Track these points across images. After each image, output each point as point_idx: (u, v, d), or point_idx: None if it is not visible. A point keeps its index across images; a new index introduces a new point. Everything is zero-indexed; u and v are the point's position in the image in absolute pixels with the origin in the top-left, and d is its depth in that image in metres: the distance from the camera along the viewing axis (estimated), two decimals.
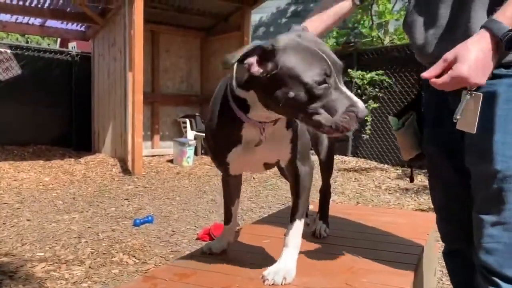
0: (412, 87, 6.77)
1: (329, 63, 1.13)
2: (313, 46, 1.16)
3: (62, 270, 2.89)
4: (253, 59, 1.17)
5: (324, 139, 1.93)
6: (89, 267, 2.97)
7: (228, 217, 1.73)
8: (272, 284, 1.39)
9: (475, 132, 1.20)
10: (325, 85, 1.12)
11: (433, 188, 1.61)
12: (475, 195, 1.33)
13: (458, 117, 1.20)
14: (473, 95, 1.18)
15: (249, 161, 1.45)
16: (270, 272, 1.43)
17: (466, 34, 1.22)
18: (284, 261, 1.46)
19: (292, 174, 1.50)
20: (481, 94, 1.17)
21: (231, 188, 1.70)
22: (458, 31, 1.28)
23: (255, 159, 1.45)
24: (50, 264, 2.98)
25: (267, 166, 1.54)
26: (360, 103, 1.14)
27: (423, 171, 6.08)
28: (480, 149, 1.27)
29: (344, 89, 1.15)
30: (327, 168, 2.01)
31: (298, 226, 1.48)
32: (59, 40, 15.21)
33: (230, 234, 1.77)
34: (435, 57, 1.30)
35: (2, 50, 7.68)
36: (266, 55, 1.15)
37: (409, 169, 2.23)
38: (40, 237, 3.61)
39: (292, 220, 1.47)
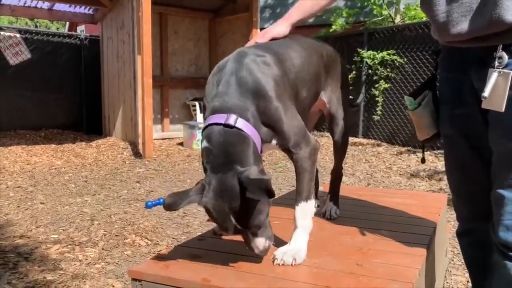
0: (424, 67, 6.67)
1: (232, 226, 1.33)
2: (225, 208, 1.30)
3: (76, 252, 2.94)
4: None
5: (340, 120, 1.89)
6: (102, 248, 3.01)
7: None
8: (282, 264, 1.40)
9: (503, 110, 1.17)
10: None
11: (449, 168, 1.59)
12: (497, 173, 1.31)
13: (486, 95, 1.18)
14: (502, 72, 1.15)
15: None
16: (280, 252, 1.44)
17: (495, 11, 1.17)
18: (294, 242, 1.46)
19: (291, 159, 1.50)
20: (511, 72, 1.15)
21: None
22: (486, 7, 1.22)
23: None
24: (64, 246, 3.03)
25: None
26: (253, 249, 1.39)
27: (434, 152, 6.03)
28: (507, 127, 1.25)
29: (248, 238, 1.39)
30: (340, 150, 1.98)
31: (305, 208, 1.48)
32: (67, 24, 15.20)
33: None
34: (458, 35, 1.27)
35: (12, 34, 7.70)
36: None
37: (421, 150, 2.21)
38: (54, 219, 3.67)
39: (297, 203, 1.48)
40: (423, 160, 1.90)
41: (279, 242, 1.57)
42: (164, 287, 1.34)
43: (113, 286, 2.46)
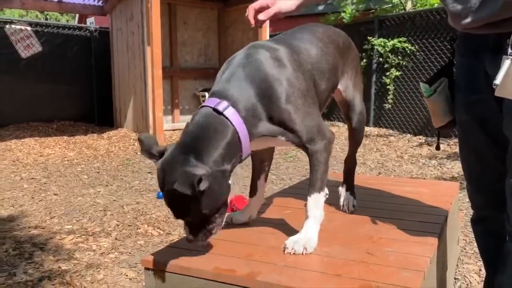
0: (436, 54, 6.58)
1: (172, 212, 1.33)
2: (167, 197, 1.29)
3: (89, 242, 2.99)
4: None
5: (358, 107, 1.85)
6: (115, 238, 3.05)
7: (253, 190, 1.76)
8: (293, 253, 1.41)
9: None
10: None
11: (464, 156, 1.58)
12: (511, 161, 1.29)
13: (497, 82, 1.16)
14: None
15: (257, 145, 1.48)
16: (291, 241, 1.44)
17: None
18: (305, 232, 1.47)
19: (305, 152, 1.50)
20: None
21: (255, 162, 1.73)
22: None
23: (260, 144, 1.50)
24: (78, 236, 3.08)
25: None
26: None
27: (447, 140, 5.98)
28: None
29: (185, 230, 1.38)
30: (357, 138, 1.93)
31: (318, 198, 1.48)
32: (77, 16, 15.25)
33: (253, 207, 1.78)
34: (472, 22, 1.25)
35: (23, 27, 7.75)
36: None
37: (432, 138, 2.19)
38: (68, 210, 3.72)
39: (310, 193, 1.48)
40: (437, 147, 1.89)
41: (290, 232, 1.58)
42: (177, 276, 1.36)
43: (127, 275, 2.50)
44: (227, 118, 1.31)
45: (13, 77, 7.73)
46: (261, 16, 1.57)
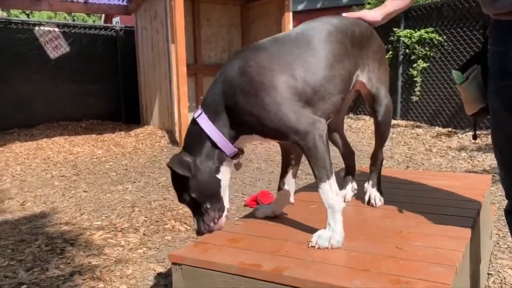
0: (465, 44, 6.40)
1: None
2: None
3: (118, 238, 3.03)
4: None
5: (383, 99, 1.81)
6: (143, 234, 3.09)
7: (280, 185, 1.75)
8: (317, 248, 1.39)
9: None
10: None
11: (497, 142, 1.54)
12: None
13: None
14: None
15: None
16: (316, 236, 1.43)
17: None
18: (329, 226, 1.45)
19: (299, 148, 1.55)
20: None
21: (283, 157, 1.76)
22: None
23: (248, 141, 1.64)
24: (107, 232, 3.13)
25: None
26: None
27: (477, 132, 5.81)
28: None
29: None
30: (383, 132, 1.89)
31: (325, 188, 1.48)
32: (103, 16, 15.52)
33: (278, 203, 1.77)
34: (502, 7, 1.23)
35: (51, 29, 7.94)
36: None
37: (462, 130, 2.13)
38: (97, 207, 3.79)
39: (318, 187, 1.49)
40: (474, 137, 1.84)
41: (316, 226, 1.56)
42: (203, 270, 1.36)
43: (155, 270, 2.53)
44: (198, 124, 1.57)
45: (43, 78, 7.93)
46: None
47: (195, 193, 1.62)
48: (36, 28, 7.77)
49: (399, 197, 2.00)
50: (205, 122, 1.55)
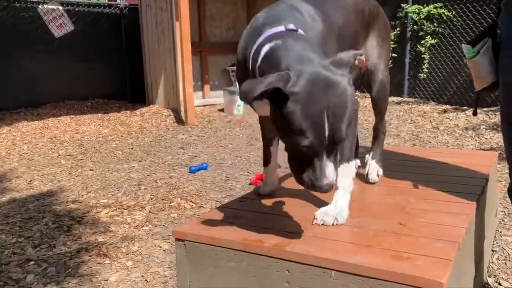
0: (475, 20, 6.26)
1: (326, 135, 1.09)
2: (323, 104, 1.08)
3: (124, 215, 3.07)
4: (264, 104, 1.16)
5: (378, 76, 1.83)
6: (149, 212, 3.12)
7: (267, 159, 1.74)
8: (322, 224, 1.39)
9: None
10: (308, 149, 1.11)
11: (507, 116, 1.51)
12: None
13: None
14: None
15: None
16: (321, 212, 1.43)
17: None
18: (335, 203, 1.45)
19: None
20: None
21: (265, 129, 1.71)
22: None
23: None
24: (114, 210, 3.16)
25: None
26: (321, 181, 1.13)
27: (484, 109, 5.74)
28: None
29: (323, 163, 1.13)
30: (379, 107, 1.92)
31: (346, 169, 1.46)
32: None
33: (271, 175, 1.77)
34: None
35: (55, 7, 7.87)
36: (279, 94, 1.10)
37: (469, 108, 2.10)
38: (103, 185, 3.82)
39: (339, 163, 1.44)
40: (475, 113, 1.82)
41: (319, 203, 1.56)
42: (206, 246, 1.37)
43: (160, 247, 2.56)
44: None
45: (48, 57, 7.90)
46: None
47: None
48: (40, 6, 7.70)
49: (403, 174, 1.99)
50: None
